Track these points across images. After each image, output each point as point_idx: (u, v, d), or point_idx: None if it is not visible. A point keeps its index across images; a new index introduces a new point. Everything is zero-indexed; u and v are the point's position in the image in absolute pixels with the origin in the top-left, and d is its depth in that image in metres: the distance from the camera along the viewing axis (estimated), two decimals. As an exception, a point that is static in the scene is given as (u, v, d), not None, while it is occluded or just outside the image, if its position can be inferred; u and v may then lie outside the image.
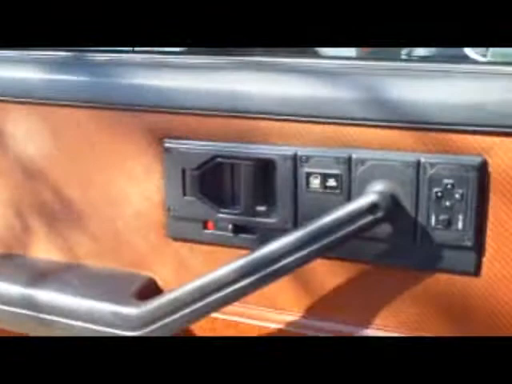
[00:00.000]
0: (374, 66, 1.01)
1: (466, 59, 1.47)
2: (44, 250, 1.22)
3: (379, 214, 0.91)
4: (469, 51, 1.47)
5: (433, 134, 0.91)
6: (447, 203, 0.91)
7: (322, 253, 0.94)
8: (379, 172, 0.94)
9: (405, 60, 1.12)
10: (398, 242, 0.95)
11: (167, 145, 1.05)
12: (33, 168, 1.18)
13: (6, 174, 1.21)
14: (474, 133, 0.89)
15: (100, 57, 1.17)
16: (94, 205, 1.14)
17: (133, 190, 1.10)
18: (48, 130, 1.15)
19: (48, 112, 1.14)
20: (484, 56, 1.44)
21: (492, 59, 1.42)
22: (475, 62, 1.31)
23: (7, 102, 1.16)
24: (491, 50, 1.41)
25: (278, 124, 0.99)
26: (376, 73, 0.98)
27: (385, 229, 0.94)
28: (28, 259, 1.23)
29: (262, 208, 1.02)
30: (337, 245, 0.93)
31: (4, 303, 1.16)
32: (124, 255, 1.15)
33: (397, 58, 1.42)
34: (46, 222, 1.20)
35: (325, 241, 0.92)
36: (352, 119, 0.94)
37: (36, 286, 1.15)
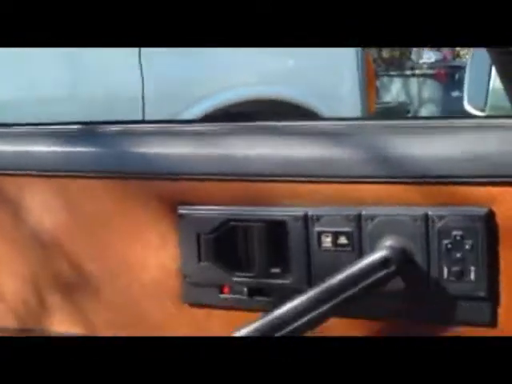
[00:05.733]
0: (378, 125, 1.04)
1: (465, 114, 1.51)
2: (60, 322, 1.23)
3: (391, 269, 0.93)
4: (469, 108, 1.51)
5: (439, 187, 0.93)
6: (458, 255, 0.92)
7: (336, 311, 0.95)
8: (389, 227, 0.96)
9: (407, 118, 1.15)
10: (411, 295, 0.96)
11: (181, 211, 1.08)
12: (48, 240, 1.20)
13: (22, 248, 1.23)
14: (479, 184, 0.91)
15: (111, 127, 1.21)
16: (111, 274, 1.16)
17: (149, 258, 1.12)
18: (63, 202, 1.18)
19: (63, 184, 1.17)
20: (482, 111, 1.48)
21: (490, 113, 1.46)
22: (474, 117, 1.35)
23: (22, 176, 1.20)
24: (489, 105, 1.45)
25: (288, 185, 1.01)
26: (380, 131, 1.01)
27: (398, 283, 0.95)
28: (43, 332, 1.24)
29: (276, 270, 1.03)
30: (351, 302, 0.94)
31: None
32: (140, 324, 1.16)
33: (399, 117, 1.46)
34: (63, 294, 1.21)
35: (339, 298, 0.93)
36: (360, 177, 0.97)
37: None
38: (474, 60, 1.54)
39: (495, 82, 1.33)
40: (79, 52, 2.34)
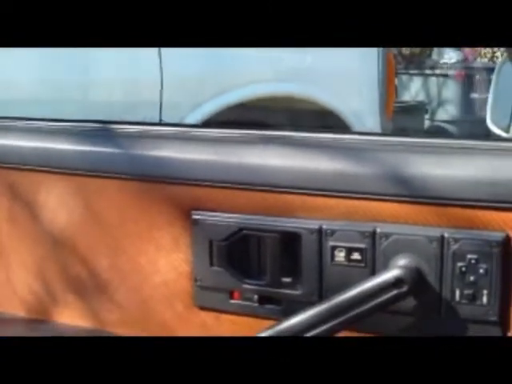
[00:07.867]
0: (399, 142, 1.04)
1: (488, 135, 1.49)
2: (69, 316, 1.23)
3: (404, 289, 0.92)
4: (492, 127, 1.49)
5: (456, 210, 0.93)
6: (471, 278, 0.92)
7: (345, 326, 0.95)
8: (403, 246, 0.95)
9: (428, 136, 1.14)
10: (422, 316, 0.96)
11: (195, 217, 1.08)
12: (62, 236, 1.21)
13: (36, 242, 1.24)
14: (497, 209, 0.90)
15: (129, 128, 1.21)
16: (122, 273, 1.17)
17: (161, 260, 1.13)
18: (79, 200, 1.18)
19: (79, 182, 1.17)
20: (506, 132, 1.46)
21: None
22: (498, 139, 1.33)
23: (40, 171, 1.20)
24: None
25: (303, 198, 1.01)
26: (400, 149, 1.00)
27: (409, 303, 0.94)
28: (54, 325, 1.25)
29: (287, 280, 1.03)
30: (361, 318, 0.94)
31: None
32: (150, 323, 1.16)
33: (420, 135, 1.45)
34: (74, 290, 1.22)
35: (349, 314, 0.93)
36: (377, 194, 0.96)
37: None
38: (500, 76, 1.52)
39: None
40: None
